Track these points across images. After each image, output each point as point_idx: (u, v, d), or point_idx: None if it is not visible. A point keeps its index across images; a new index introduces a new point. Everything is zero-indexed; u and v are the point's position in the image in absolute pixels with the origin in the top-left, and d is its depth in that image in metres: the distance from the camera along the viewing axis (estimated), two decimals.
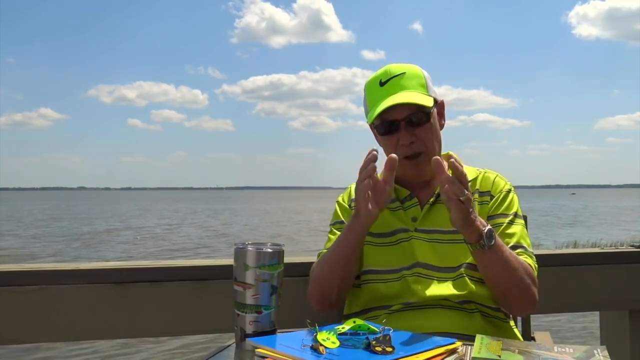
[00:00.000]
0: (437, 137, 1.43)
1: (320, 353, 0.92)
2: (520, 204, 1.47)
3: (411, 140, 1.38)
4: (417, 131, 1.38)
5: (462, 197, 1.18)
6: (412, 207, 1.44)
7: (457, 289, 1.33)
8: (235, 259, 1.09)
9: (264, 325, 1.08)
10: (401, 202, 1.46)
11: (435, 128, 1.42)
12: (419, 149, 1.39)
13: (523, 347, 0.99)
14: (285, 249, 1.13)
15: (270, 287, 1.08)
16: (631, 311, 1.97)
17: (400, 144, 1.39)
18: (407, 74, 1.41)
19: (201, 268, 1.76)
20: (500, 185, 1.46)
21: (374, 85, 1.42)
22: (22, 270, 1.67)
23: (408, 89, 1.38)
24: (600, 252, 2.01)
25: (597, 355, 0.95)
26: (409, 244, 1.40)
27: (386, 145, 1.44)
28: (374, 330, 1.01)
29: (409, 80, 1.40)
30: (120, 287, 1.68)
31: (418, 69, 1.44)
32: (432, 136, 1.41)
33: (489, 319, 1.35)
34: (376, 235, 1.42)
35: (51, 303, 1.65)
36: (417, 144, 1.39)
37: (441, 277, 1.34)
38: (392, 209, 1.45)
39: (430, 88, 1.42)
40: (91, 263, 1.89)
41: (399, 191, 1.47)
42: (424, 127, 1.39)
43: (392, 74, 1.41)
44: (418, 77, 1.42)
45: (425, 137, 1.39)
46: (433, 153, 1.41)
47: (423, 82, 1.41)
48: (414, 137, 1.38)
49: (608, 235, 16.66)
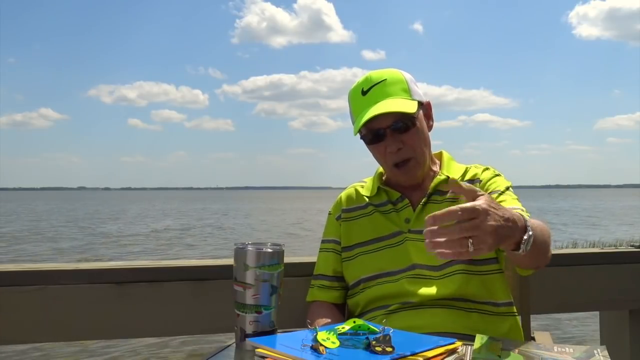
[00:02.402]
0: (425, 140, 1.43)
1: (320, 353, 0.92)
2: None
3: (398, 147, 1.38)
4: (404, 137, 1.38)
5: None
6: (404, 208, 1.45)
7: (454, 288, 1.33)
8: (235, 259, 1.09)
9: (264, 325, 1.08)
10: (393, 204, 1.47)
11: (422, 131, 1.42)
12: (407, 155, 1.40)
13: (523, 347, 0.99)
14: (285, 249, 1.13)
15: (270, 287, 1.08)
16: (631, 311, 1.97)
17: (388, 152, 1.39)
18: (388, 80, 1.40)
19: (201, 268, 1.76)
20: (487, 173, 1.46)
21: (357, 95, 1.42)
22: (22, 270, 1.67)
23: (390, 95, 1.38)
24: (600, 252, 2.01)
25: (597, 355, 0.95)
26: (403, 246, 1.40)
27: (375, 154, 1.44)
28: (374, 330, 1.01)
29: (390, 87, 1.39)
30: (120, 287, 1.68)
31: (399, 73, 1.43)
32: (419, 140, 1.40)
33: (487, 317, 1.35)
34: (369, 242, 1.44)
35: (51, 303, 1.65)
36: (405, 149, 1.39)
37: (438, 276, 1.35)
38: (384, 211, 1.46)
39: (414, 91, 1.41)
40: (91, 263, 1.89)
41: (390, 193, 1.48)
42: (410, 133, 1.39)
43: (373, 81, 1.40)
44: (400, 82, 1.41)
45: (412, 142, 1.39)
46: (422, 157, 1.42)
47: (405, 87, 1.40)
48: (400, 143, 1.38)
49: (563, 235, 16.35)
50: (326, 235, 1.55)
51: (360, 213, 1.50)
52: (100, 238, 19.57)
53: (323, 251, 1.54)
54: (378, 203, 1.48)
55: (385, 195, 1.48)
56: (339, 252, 1.50)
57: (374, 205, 1.48)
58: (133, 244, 17.50)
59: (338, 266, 1.49)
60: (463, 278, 1.34)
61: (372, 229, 1.45)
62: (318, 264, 1.54)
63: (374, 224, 1.46)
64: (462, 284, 1.33)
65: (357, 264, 1.45)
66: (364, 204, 1.50)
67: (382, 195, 1.49)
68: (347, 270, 1.47)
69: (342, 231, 1.50)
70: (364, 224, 1.47)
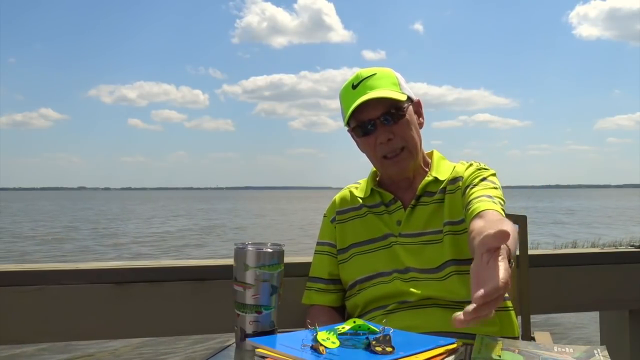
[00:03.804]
0: (417, 131, 1.43)
1: (320, 353, 0.92)
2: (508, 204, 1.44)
3: (388, 137, 1.38)
4: (394, 128, 1.38)
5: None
6: (397, 210, 1.45)
7: (449, 289, 1.33)
8: (235, 259, 1.09)
9: (264, 325, 1.08)
10: (386, 205, 1.47)
11: (413, 123, 1.42)
12: (398, 145, 1.39)
13: (523, 347, 0.99)
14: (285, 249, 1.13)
15: (270, 287, 1.08)
16: (631, 311, 1.97)
17: (378, 143, 1.39)
18: (377, 74, 1.41)
19: (201, 268, 1.76)
20: (470, 169, 1.43)
21: (347, 90, 1.42)
22: (22, 270, 1.68)
23: (380, 87, 1.38)
24: (600, 252, 2.01)
25: (597, 355, 0.95)
26: (395, 249, 1.40)
27: (365, 148, 1.44)
28: (374, 330, 1.01)
29: (380, 80, 1.40)
30: (120, 287, 1.68)
31: (389, 70, 1.44)
32: (410, 131, 1.40)
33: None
34: (364, 243, 1.45)
35: (51, 303, 1.65)
36: (396, 140, 1.39)
37: (432, 278, 1.34)
38: (377, 213, 1.46)
39: (403, 87, 1.42)
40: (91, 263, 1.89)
41: (383, 195, 1.48)
42: (401, 123, 1.39)
43: (363, 76, 1.41)
44: (389, 77, 1.42)
45: (403, 132, 1.39)
46: (414, 147, 1.41)
47: (395, 81, 1.41)
48: (391, 134, 1.38)
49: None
50: (321, 237, 1.55)
51: (354, 215, 1.50)
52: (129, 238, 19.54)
53: (318, 254, 1.54)
54: (371, 204, 1.48)
55: (378, 197, 1.48)
56: (334, 255, 1.50)
57: (367, 207, 1.48)
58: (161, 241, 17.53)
59: (333, 269, 1.49)
60: (456, 279, 1.33)
61: (365, 231, 1.46)
62: (313, 267, 1.54)
63: (367, 226, 1.46)
64: (456, 285, 1.33)
65: (352, 265, 1.45)
66: (358, 206, 1.50)
67: (375, 197, 1.49)
68: (343, 272, 1.47)
69: (337, 234, 1.50)
70: (358, 225, 1.48)
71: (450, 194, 1.41)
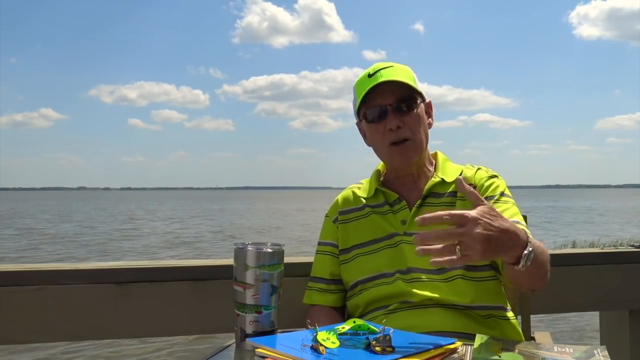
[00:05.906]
0: (425, 129, 1.44)
1: (320, 353, 0.92)
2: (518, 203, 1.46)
3: (398, 125, 1.39)
4: (405, 118, 1.40)
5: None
6: (402, 210, 1.44)
7: (453, 291, 1.33)
8: (235, 259, 1.09)
9: (264, 325, 1.08)
10: (390, 205, 1.46)
11: (422, 119, 1.43)
12: (406, 135, 1.40)
13: (523, 347, 0.99)
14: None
15: (270, 287, 1.08)
16: (631, 311, 1.97)
17: (387, 129, 1.40)
18: (395, 67, 1.43)
19: (201, 268, 1.76)
20: (482, 174, 1.46)
21: (363, 79, 1.44)
22: (22, 270, 1.67)
23: (397, 76, 1.40)
24: (599, 252, 2.01)
25: (597, 355, 0.95)
26: (399, 248, 1.40)
27: (373, 135, 1.44)
28: (374, 330, 1.01)
29: (397, 71, 1.41)
30: (120, 287, 1.68)
31: (406, 66, 1.46)
32: (419, 125, 1.42)
33: (486, 317, 1.35)
34: (366, 244, 1.44)
35: (51, 303, 1.65)
36: (405, 129, 1.40)
37: (435, 280, 1.34)
38: (381, 212, 1.46)
39: (418, 84, 1.44)
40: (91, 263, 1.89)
41: (387, 194, 1.48)
42: (412, 115, 1.40)
43: (380, 67, 1.43)
44: (406, 71, 1.44)
45: (412, 124, 1.40)
46: (419, 142, 1.42)
47: (411, 76, 1.43)
48: (401, 122, 1.39)
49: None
50: (323, 237, 1.55)
51: (357, 215, 1.49)
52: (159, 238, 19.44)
53: (320, 254, 1.54)
54: (375, 204, 1.48)
55: (382, 197, 1.48)
56: (335, 255, 1.50)
57: (370, 207, 1.48)
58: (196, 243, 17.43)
59: (335, 269, 1.49)
60: (462, 283, 1.33)
61: (369, 231, 1.45)
62: (315, 267, 1.54)
63: (371, 226, 1.46)
64: (461, 287, 1.33)
65: (354, 266, 1.45)
66: (361, 206, 1.50)
67: (379, 197, 1.48)
68: (345, 273, 1.47)
69: (340, 234, 1.50)
70: (361, 225, 1.47)
71: (462, 200, 1.39)
